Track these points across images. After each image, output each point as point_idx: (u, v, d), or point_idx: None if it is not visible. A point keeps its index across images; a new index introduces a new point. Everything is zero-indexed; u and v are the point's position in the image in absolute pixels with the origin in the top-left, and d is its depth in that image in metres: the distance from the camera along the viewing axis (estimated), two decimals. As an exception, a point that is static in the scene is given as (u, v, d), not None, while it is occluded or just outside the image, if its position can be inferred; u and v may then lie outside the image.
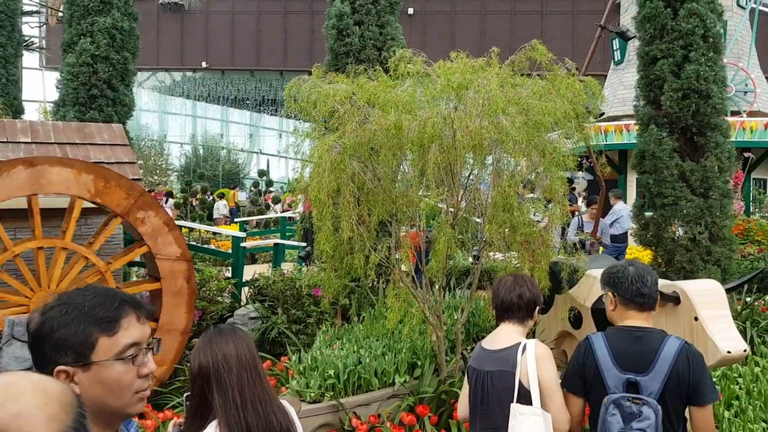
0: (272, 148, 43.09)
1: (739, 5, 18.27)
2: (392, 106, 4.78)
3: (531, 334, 5.86)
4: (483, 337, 3.16)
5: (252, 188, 28.76)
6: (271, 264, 9.32)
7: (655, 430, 2.48)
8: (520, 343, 2.75)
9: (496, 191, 4.86)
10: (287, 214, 17.41)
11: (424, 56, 5.21)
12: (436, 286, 5.31)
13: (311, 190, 4.71)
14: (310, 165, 5.05)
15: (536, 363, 2.67)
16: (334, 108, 4.94)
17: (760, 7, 18.82)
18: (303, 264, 9.40)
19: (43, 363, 1.47)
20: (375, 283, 7.06)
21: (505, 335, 2.86)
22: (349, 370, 5.12)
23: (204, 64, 34.04)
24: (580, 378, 2.69)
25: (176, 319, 5.97)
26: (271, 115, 41.92)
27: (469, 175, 5.33)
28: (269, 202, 24.05)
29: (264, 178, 33.47)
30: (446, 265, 5.15)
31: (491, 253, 5.57)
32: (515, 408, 2.63)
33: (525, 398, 2.65)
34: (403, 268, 5.22)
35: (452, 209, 5.13)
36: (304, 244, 9.52)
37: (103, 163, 6.54)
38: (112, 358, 1.47)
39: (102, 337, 1.47)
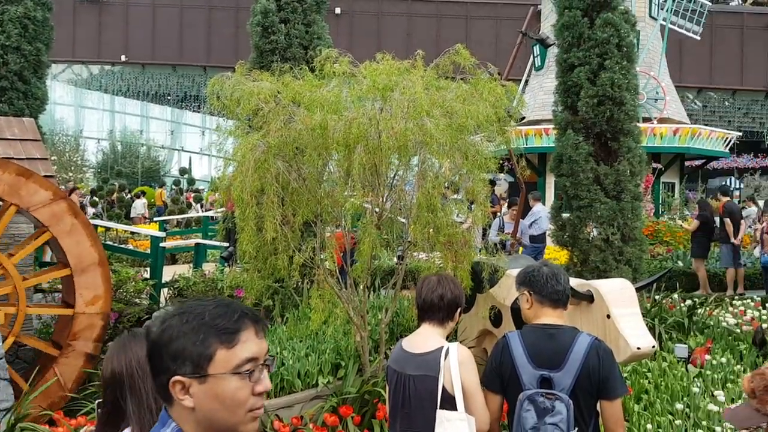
0: (194, 145, 42.03)
1: (651, 16, 19.19)
2: (318, 105, 4.75)
3: (453, 333, 5.97)
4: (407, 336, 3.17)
5: (173, 186, 27.97)
6: (192, 265, 9.09)
7: (567, 425, 2.56)
8: (442, 348, 2.75)
9: (421, 192, 4.91)
10: (209, 214, 17.03)
11: (351, 57, 5.21)
12: (361, 287, 5.32)
13: (234, 189, 4.62)
14: (234, 164, 4.96)
15: (459, 368, 2.68)
16: (258, 106, 4.87)
17: (670, 26, 19.83)
18: (225, 264, 9.21)
19: (159, 372, 1.40)
20: (299, 283, 7.01)
21: (426, 337, 2.85)
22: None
23: (123, 58, 32.86)
24: (498, 376, 2.75)
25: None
26: (194, 111, 40.86)
27: (394, 176, 5.37)
28: (191, 200, 23.44)
29: (186, 176, 32.61)
30: (371, 266, 5.17)
31: (415, 254, 5.62)
32: (441, 414, 2.64)
33: (449, 403, 2.66)
34: (328, 266, 5.20)
35: (377, 210, 5.15)
36: (226, 244, 9.33)
37: (12, 158, 6.20)
38: (229, 371, 1.38)
39: (221, 349, 1.39)
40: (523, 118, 17.90)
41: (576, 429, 2.60)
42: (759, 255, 11.24)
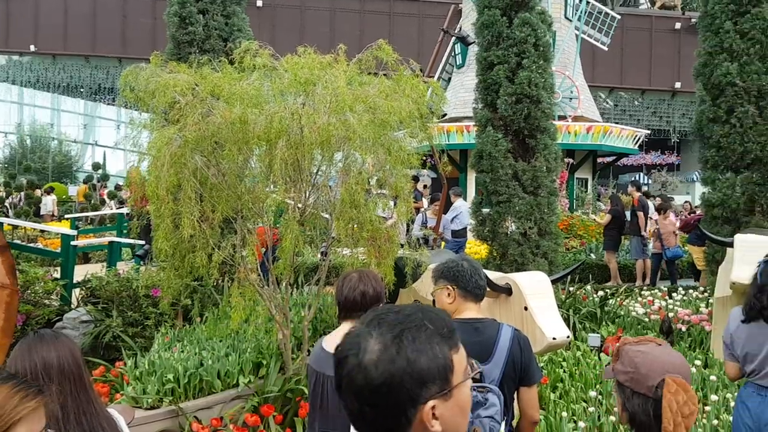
0: (109, 139, 40.37)
1: (566, 17, 19.87)
2: (238, 99, 4.64)
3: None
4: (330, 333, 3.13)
5: (86, 182, 26.78)
6: (105, 263, 8.72)
7: (501, 415, 2.63)
8: None
9: (344, 188, 4.89)
10: (124, 210, 16.40)
11: (272, 50, 5.12)
12: (284, 284, 5.25)
13: (149, 185, 4.46)
14: (148, 158, 4.78)
15: None
16: (174, 99, 4.71)
17: (582, 35, 20.61)
18: (141, 263, 8.89)
19: (399, 408, 1.18)
20: (219, 282, 6.85)
21: None
22: (189, 373, 4.92)
23: (32, 48, 31.13)
24: None
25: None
26: (108, 104, 39.18)
27: (317, 172, 5.33)
28: (104, 197, 22.52)
29: (99, 171, 31.29)
30: (294, 262, 5.11)
31: (339, 249, 5.60)
32: None
33: None
34: (249, 263, 5.11)
35: (300, 206, 5.09)
36: (142, 242, 9.01)
37: None
38: (464, 376, 1.26)
39: (454, 355, 1.24)
40: (445, 114, 18.17)
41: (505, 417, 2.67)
42: (654, 249, 11.76)
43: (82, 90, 36.21)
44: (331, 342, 2.83)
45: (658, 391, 1.93)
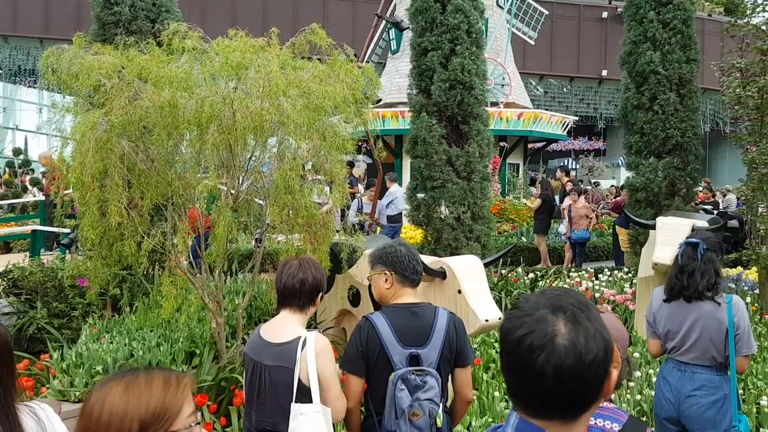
0: (30, 123, 38.46)
1: (498, 5, 20.16)
2: (166, 82, 4.51)
3: (313, 315, 5.98)
4: (266, 321, 3.10)
5: (6, 168, 25.50)
6: (28, 253, 8.35)
7: (440, 397, 2.69)
8: (300, 338, 2.67)
9: (279, 174, 4.83)
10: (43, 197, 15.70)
11: (201, 32, 4.99)
12: (217, 271, 5.16)
13: (73, 171, 4.28)
14: (72, 143, 4.59)
15: (316, 359, 2.62)
16: (100, 82, 4.53)
17: (511, 28, 20.98)
18: (66, 252, 8.56)
19: (601, 382, 1.25)
20: (149, 270, 6.68)
21: (284, 325, 2.77)
22: (119, 365, 4.79)
23: (-56, 26, 29.30)
24: (362, 358, 2.72)
25: None
26: (30, 87, 37.32)
27: (250, 157, 5.24)
28: (26, 183, 21.51)
29: (20, 157, 29.83)
30: (227, 249, 5.03)
31: (274, 236, 5.54)
32: (296, 408, 2.58)
33: (305, 395, 2.60)
34: (180, 248, 4.99)
35: (233, 192, 5.00)
36: (67, 231, 8.67)
37: None
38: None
39: None
40: (380, 100, 18.19)
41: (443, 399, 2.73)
42: (564, 231, 12.16)
43: (0, 72, 34.36)
44: (268, 331, 2.79)
45: None
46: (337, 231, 5.80)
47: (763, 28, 8.15)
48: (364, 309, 5.36)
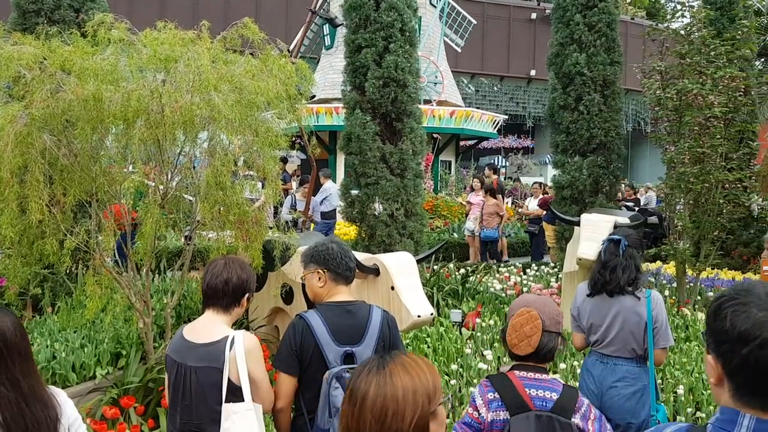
0: (-60, 112, 36.34)
1: (431, 4, 20.35)
2: (91, 74, 4.34)
3: (246, 313, 5.90)
4: (194, 320, 3.03)
5: None
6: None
7: None
8: (227, 337, 2.63)
9: (209, 169, 4.73)
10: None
11: (129, 23, 4.83)
12: (144, 270, 5.02)
13: (-11, 166, 4.07)
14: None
15: (246, 358, 2.59)
16: (19, 73, 4.33)
17: (444, 38, 21.27)
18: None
19: None
20: (72, 269, 6.43)
21: (209, 325, 2.72)
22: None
23: None
24: (296, 357, 2.70)
25: None
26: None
27: (180, 153, 5.12)
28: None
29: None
30: (155, 247, 4.90)
31: (204, 233, 5.43)
32: (228, 408, 2.54)
33: (235, 395, 2.57)
34: (104, 246, 4.83)
35: (162, 188, 4.88)
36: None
37: None
38: None
39: None
40: (314, 96, 18.08)
41: None
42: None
43: None
44: (192, 332, 2.72)
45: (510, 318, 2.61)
46: (270, 228, 5.73)
47: (682, 32, 8.54)
48: (297, 307, 5.34)
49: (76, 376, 4.82)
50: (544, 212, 12.01)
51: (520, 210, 12.45)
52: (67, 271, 6.28)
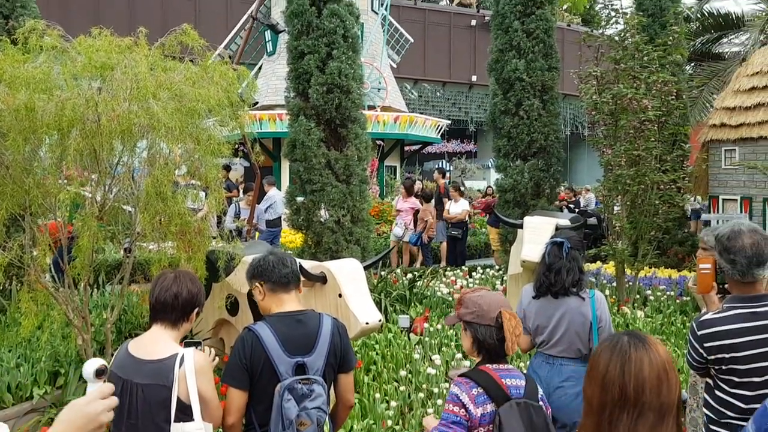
0: None
1: (373, 10, 20.45)
2: (23, 83, 4.20)
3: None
4: (137, 335, 2.94)
5: None
6: None
7: (327, 404, 2.67)
8: (176, 354, 2.55)
9: (149, 179, 4.62)
10: None
11: (62, 30, 4.67)
12: (82, 284, 4.85)
13: None
14: None
15: (196, 376, 2.52)
16: (-58, 82, 4.13)
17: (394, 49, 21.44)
18: None
19: None
20: (6, 286, 6.16)
21: (156, 341, 2.63)
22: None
23: None
24: (246, 371, 2.64)
25: None
26: None
27: (117, 162, 4.97)
28: None
29: None
30: (93, 260, 4.74)
31: (145, 244, 5.28)
32: (177, 427, 2.45)
33: (185, 413, 2.49)
34: (40, 264, 4.65)
35: (99, 199, 4.72)
36: None
37: None
38: None
39: None
40: (257, 102, 17.89)
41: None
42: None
43: None
44: (138, 348, 2.63)
45: (498, 321, 2.61)
46: (214, 238, 5.62)
47: (616, 38, 8.82)
48: (242, 318, 5.25)
49: (12, 397, 4.61)
50: (468, 217, 12.11)
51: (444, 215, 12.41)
52: (0, 288, 6.01)
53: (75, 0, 23.83)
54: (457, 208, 12.41)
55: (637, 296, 8.45)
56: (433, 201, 12.44)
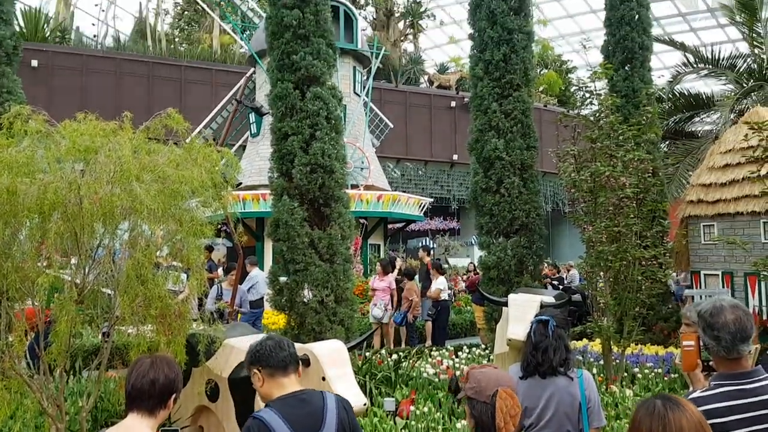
0: None
1: (355, 93, 20.99)
2: (5, 167, 4.20)
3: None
4: (113, 423, 2.82)
5: None
6: None
7: None
8: None
9: (130, 262, 4.57)
10: None
11: (46, 115, 4.73)
12: (57, 371, 4.70)
13: None
14: None
15: None
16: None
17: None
18: None
19: None
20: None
21: (133, 430, 2.53)
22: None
23: None
24: None
25: None
26: None
27: (98, 245, 4.93)
28: None
29: None
30: (70, 346, 4.61)
31: (123, 328, 5.16)
32: None
33: None
34: (17, 351, 4.50)
35: (78, 282, 4.64)
36: None
37: None
38: None
39: None
40: (240, 183, 18.01)
41: None
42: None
43: None
44: None
45: (493, 399, 2.63)
46: (195, 320, 5.52)
47: (591, 119, 9.08)
48: (222, 404, 5.09)
49: (-24, 494, 4.38)
50: (452, 295, 11.98)
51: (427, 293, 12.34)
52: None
53: (61, 83, 24.26)
54: (433, 286, 12.35)
55: (625, 374, 8.34)
56: (417, 278, 12.38)
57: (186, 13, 35.77)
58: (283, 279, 8.22)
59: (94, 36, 32.93)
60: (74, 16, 32.72)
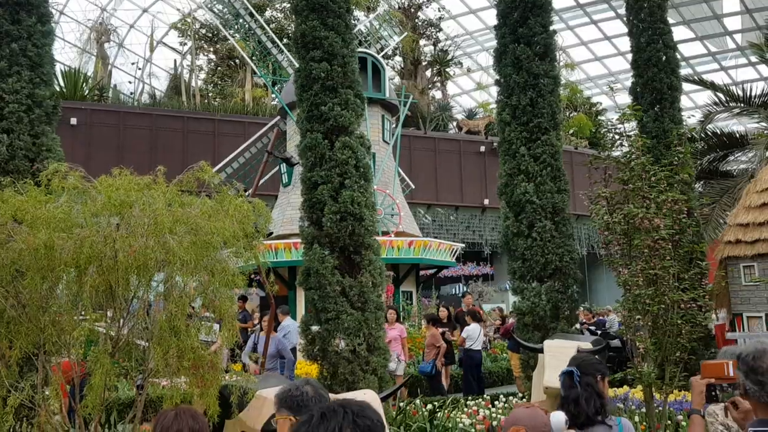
0: None
1: (384, 140, 21.23)
2: (43, 223, 4.31)
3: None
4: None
5: None
6: None
7: None
8: None
9: (164, 314, 4.62)
10: None
11: (83, 171, 4.87)
12: (93, 425, 4.72)
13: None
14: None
15: None
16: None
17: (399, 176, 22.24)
18: None
19: None
20: (16, 428, 6.00)
21: None
22: None
23: None
24: None
25: None
26: None
27: (132, 297, 5.00)
28: None
29: None
30: (105, 399, 4.64)
31: (157, 380, 5.18)
32: None
33: None
34: (53, 407, 4.54)
35: (113, 335, 4.70)
36: None
37: None
38: None
39: None
40: (271, 233, 18.19)
41: None
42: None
43: None
44: None
45: None
46: (227, 371, 5.51)
47: (622, 160, 9.00)
48: (256, 455, 5.02)
49: None
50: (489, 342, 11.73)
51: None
52: (10, 430, 5.85)
53: (99, 140, 25.03)
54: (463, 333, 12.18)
55: (669, 422, 8.04)
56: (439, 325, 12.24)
57: (219, 68, 36.85)
58: (315, 328, 8.20)
59: (131, 93, 34.08)
60: (112, 74, 34.01)
